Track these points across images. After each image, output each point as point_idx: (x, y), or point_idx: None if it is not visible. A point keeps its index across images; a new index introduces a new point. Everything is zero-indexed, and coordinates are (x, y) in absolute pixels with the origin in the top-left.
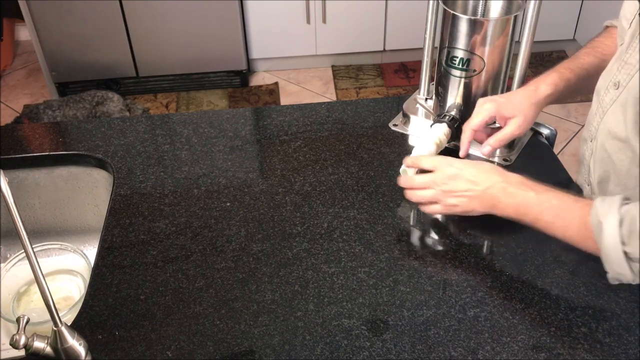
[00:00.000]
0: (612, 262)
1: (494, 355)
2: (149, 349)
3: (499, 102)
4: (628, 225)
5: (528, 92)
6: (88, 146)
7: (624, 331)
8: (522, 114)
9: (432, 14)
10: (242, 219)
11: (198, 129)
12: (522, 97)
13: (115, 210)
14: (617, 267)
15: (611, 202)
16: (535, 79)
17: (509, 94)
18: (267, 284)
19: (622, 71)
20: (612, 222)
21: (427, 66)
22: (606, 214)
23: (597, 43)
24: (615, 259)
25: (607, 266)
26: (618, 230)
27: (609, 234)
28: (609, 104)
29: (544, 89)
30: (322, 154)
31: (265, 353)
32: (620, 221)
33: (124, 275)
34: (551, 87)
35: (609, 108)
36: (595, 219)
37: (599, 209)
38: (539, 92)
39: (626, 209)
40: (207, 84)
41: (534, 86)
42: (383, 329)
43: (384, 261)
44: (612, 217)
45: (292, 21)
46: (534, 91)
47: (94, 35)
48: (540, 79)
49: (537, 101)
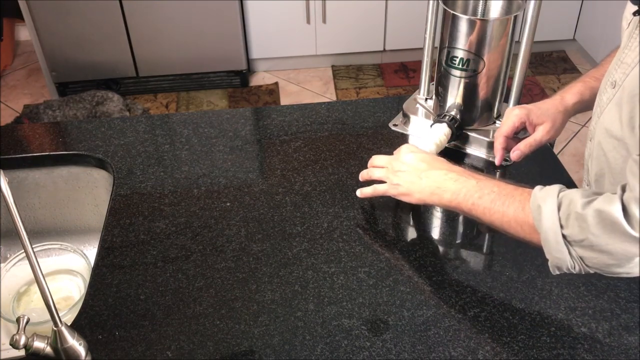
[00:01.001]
0: (551, 246)
1: (494, 355)
2: (149, 349)
3: (528, 109)
4: (566, 208)
5: (555, 101)
6: (88, 146)
7: (624, 331)
8: (550, 120)
9: (432, 14)
10: (242, 219)
11: (198, 129)
12: (550, 105)
13: (115, 210)
14: (556, 252)
15: (550, 188)
16: (561, 90)
17: (536, 103)
18: (267, 284)
19: (619, 70)
20: (551, 205)
21: (427, 66)
22: (545, 197)
23: None
24: (554, 242)
25: (546, 251)
26: (557, 214)
27: (547, 217)
28: (606, 103)
29: (569, 98)
30: (322, 154)
31: (265, 353)
32: (558, 205)
33: (124, 275)
34: (577, 96)
35: (605, 107)
36: (535, 203)
37: (538, 195)
38: (565, 101)
39: (564, 193)
40: (207, 84)
41: (559, 96)
42: (383, 329)
43: (384, 261)
44: (550, 200)
45: (292, 21)
46: (560, 100)
47: (94, 35)
48: (565, 90)
49: (565, 109)
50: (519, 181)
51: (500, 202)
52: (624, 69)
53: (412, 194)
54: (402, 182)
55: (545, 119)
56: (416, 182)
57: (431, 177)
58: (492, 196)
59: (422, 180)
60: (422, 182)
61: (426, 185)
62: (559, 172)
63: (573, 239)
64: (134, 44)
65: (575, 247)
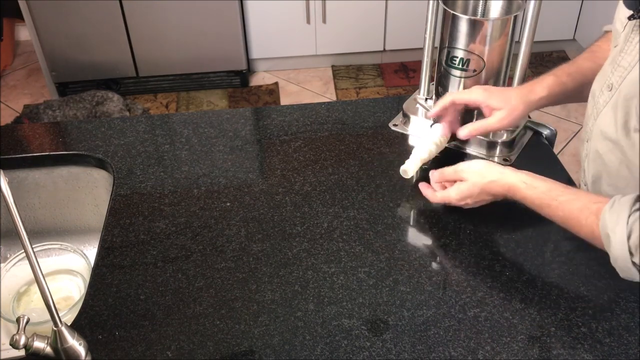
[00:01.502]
0: (622, 269)
1: (494, 355)
2: (149, 349)
3: (491, 91)
4: (636, 238)
5: (522, 91)
6: (88, 146)
7: (624, 331)
8: (509, 109)
9: (432, 14)
10: (242, 219)
11: (198, 129)
12: (515, 93)
13: (115, 210)
14: (626, 274)
15: (620, 210)
16: (532, 81)
17: (503, 88)
18: (267, 284)
19: (615, 73)
20: (620, 236)
21: (427, 66)
22: (614, 227)
23: (595, 48)
24: (625, 267)
25: (617, 270)
26: (626, 244)
27: (616, 247)
28: (602, 106)
29: (539, 91)
30: (322, 154)
31: (265, 353)
32: (628, 234)
33: (124, 275)
34: (546, 90)
35: (602, 109)
36: (604, 231)
37: (608, 222)
38: (533, 93)
39: (634, 220)
40: (207, 84)
41: (529, 86)
42: (383, 329)
43: (384, 261)
44: (619, 230)
45: (292, 21)
46: (529, 91)
47: (94, 35)
48: (537, 81)
49: (529, 101)
50: None
51: (570, 227)
52: (621, 72)
53: None
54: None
55: (504, 105)
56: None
57: None
58: (560, 222)
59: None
60: None
61: None
62: (559, 172)
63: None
64: (134, 44)
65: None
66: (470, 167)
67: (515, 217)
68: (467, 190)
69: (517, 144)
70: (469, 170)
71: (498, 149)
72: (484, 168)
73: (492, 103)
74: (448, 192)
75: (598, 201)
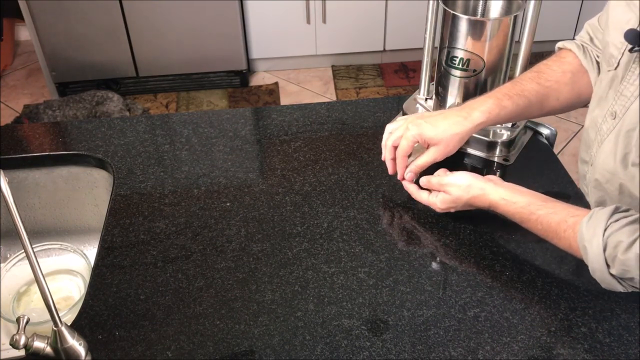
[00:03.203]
0: (601, 280)
1: (494, 355)
2: (149, 349)
3: (423, 127)
4: (612, 250)
5: (458, 119)
6: (88, 146)
7: (624, 331)
8: (443, 143)
9: (432, 14)
10: (242, 219)
11: (198, 129)
12: (449, 124)
13: (115, 210)
14: (606, 285)
15: (597, 223)
16: (470, 102)
17: (437, 118)
18: (267, 284)
19: (619, 102)
20: (597, 248)
21: (427, 66)
22: (591, 239)
23: (543, 67)
24: (603, 278)
25: (598, 281)
26: (602, 256)
27: (593, 259)
28: (606, 133)
29: (476, 117)
30: (322, 154)
31: (265, 353)
32: (604, 246)
33: (124, 275)
34: (484, 115)
35: (606, 137)
36: (581, 243)
37: (585, 234)
38: (470, 120)
39: (610, 233)
40: (207, 84)
41: (466, 112)
42: (383, 329)
43: (384, 261)
44: (596, 242)
45: (292, 21)
46: (464, 118)
47: (94, 35)
48: (475, 106)
49: (464, 131)
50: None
51: (549, 240)
52: (624, 101)
53: None
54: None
55: (437, 140)
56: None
57: None
58: (539, 234)
59: None
60: None
61: None
62: (559, 172)
63: (620, 277)
64: (134, 44)
65: (625, 281)
66: (455, 181)
67: None
68: (451, 201)
69: (517, 143)
70: (454, 185)
71: (498, 149)
72: (467, 184)
73: (426, 138)
74: (434, 199)
75: (576, 214)
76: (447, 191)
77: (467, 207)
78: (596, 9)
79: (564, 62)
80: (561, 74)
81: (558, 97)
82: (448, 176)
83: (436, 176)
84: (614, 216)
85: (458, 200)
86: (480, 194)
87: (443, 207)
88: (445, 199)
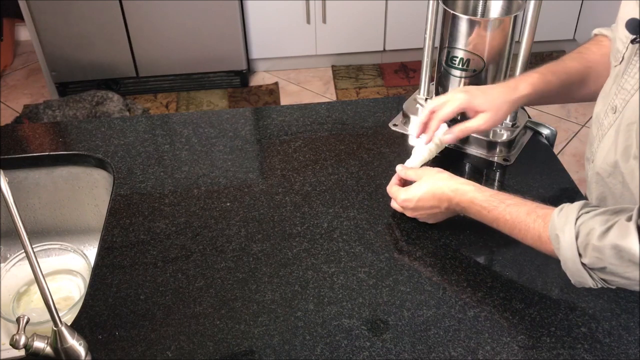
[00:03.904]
0: (573, 272)
1: (494, 355)
2: (149, 349)
3: (473, 94)
4: (584, 238)
5: (506, 89)
6: (88, 146)
7: (624, 331)
8: (493, 110)
9: (432, 14)
10: (242, 219)
11: (198, 129)
12: (499, 92)
13: (115, 210)
14: (577, 277)
15: (569, 213)
16: (516, 78)
17: (486, 87)
18: (267, 284)
19: (619, 96)
20: (569, 236)
21: (427, 66)
22: (563, 226)
23: (583, 49)
24: (574, 270)
25: (568, 274)
26: (575, 244)
27: (565, 247)
28: (607, 128)
29: (523, 88)
30: (322, 154)
31: (265, 353)
32: (576, 234)
33: (124, 275)
34: (530, 87)
35: (606, 132)
36: (553, 232)
37: (556, 222)
38: (518, 91)
39: (582, 221)
40: (207, 84)
41: (513, 83)
42: (383, 329)
43: (384, 261)
44: (568, 229)
45: (292, 21)
46: (512, 89)
47: (94, 35)
48: (521, 78)
49: (513, 99)
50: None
51: (517, 232)
52: (624, 95)
53: None
54: (425, 219)
55: (488, 107)
56: (437, 218)
57: (446, 215)
58: (506, 227)
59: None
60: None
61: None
62: (559, 172)
63: (592, 267)
64: (134, 44)
65: (596, 272)
66: (429, 171)
67: None
68: (415, 189)
69: (517, 144)
70: (425, 174)
71: (498, 149)
72: (437, 173)
73: (475, 105)
74: (397, 191)
75: (544, 207)
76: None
77: (430, 200)
78: (596, 9)
79: (602, 46)
80: (600, 56)
81: (597, 79)
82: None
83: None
84: (585, 208)
85: (420, 187)
86: (447, 179)
87: (403, 198)
88: (408, 189)
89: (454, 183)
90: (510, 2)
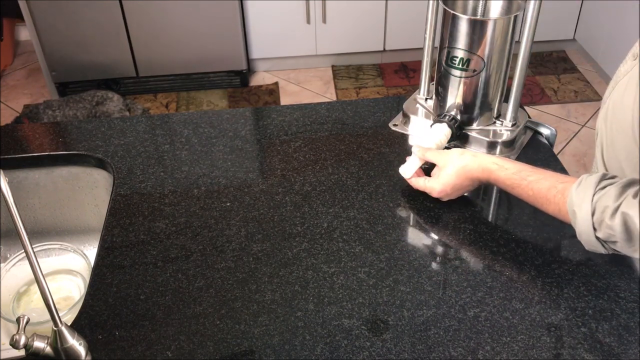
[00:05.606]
0: (586, 242)
1: (494, 355)
2: (149, 349)
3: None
4: (599, 215)
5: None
6: (88, 146)
7: (624, 331)
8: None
9: (432, 14)
10: (242, 219)
11: (198, 129)
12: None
13: (115, 210)
14: (591, 247)
15: (586, 188)
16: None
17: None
18: (267, 284)
19: None
20: (585, 213)
21: (427, 66)
22: (580, 203)
23: None
24: (589, 242)
25: (582, 242)
26: (590, 220)
27: (581, 223)
28: (623, 74)
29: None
30: (322, 154)
31: (265, 353)
32: (592, 211)
33: (124, 275)
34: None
35: (622, 78)
36: (571, 207)
37: (574, 199)
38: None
39: (599, 197)
40: (207, 84)
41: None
42: (383, 329)
43: (384, 261)
44: (585, 206)
45: (292, 21)
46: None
47: (94, 35)
48: None
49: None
50: None
51: (539, 205)
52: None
53: None
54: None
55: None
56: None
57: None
58: (529, 200)
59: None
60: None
61: None
62: (559, 172)
63: (605, 240)
64: (134, 44)
65: (609, 244)
66: (452, 155)
67: (516, 217)
68: (446, 176)
69: (517, 143)
70: (449, 157)
71: (498, 149)
72: (461, 155)
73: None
74: (431, 183)
75: (565, 181)
76: (442, 163)
77: (462, 180)
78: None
79: None
80: None
81: None
82: (441, 154)
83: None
84: (602, 183)
85: (452, 171)
86: (472, 159)
87: (440, 189)
88: (441, 176)
89: (480, 161)
90: (510, 2)
